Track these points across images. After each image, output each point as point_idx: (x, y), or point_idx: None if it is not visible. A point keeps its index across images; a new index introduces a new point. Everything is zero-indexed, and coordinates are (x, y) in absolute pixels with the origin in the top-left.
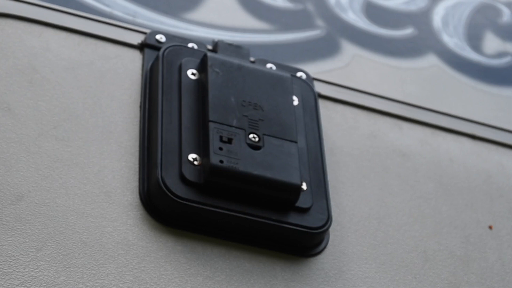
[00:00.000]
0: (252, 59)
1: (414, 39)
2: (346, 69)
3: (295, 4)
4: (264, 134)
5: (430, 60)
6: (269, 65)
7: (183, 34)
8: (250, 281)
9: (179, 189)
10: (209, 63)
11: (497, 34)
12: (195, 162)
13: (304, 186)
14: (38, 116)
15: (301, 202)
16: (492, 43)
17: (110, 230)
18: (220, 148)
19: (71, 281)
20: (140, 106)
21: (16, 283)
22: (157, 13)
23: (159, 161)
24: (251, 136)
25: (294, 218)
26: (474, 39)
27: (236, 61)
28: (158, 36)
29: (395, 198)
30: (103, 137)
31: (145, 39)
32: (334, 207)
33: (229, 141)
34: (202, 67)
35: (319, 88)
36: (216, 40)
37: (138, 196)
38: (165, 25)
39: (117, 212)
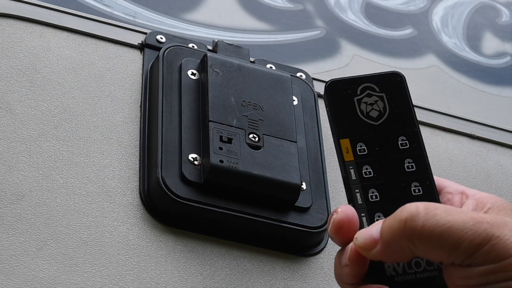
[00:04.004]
0: (252, 59)
1: (413, 40)
2: (345, 69)
3: (295, 4)
4: (264, 134)
5: (429, 60)
6: (269, 65)
7: (183, 34)
8: (250, 280)
9: (179, 189)
10: (209, 63)
11: (496, 34)
12: (195, 162)
13: (303, 186)
14: (39, 116)
15: (301, 202)
16: (491, 43)
17: (111, 230)
18: (220, 148)
19: (72, 280)
20: (140, 106)
21: (17, 282)
22: (157, 13)
23: (159, 161)
24: (251, 136)
25: (293, 218)
26: (473, 40)
27: (236, 61)
28: (158, 36)
29: None
30: (103, 137)
31: (145, 39)
32: (334, 207)
33: (229, 141)
34: (202, 67)
35: (319, 88)
36: (216, 40)
37: (138, 196)
38: (165, 25)
39: (117, 211)
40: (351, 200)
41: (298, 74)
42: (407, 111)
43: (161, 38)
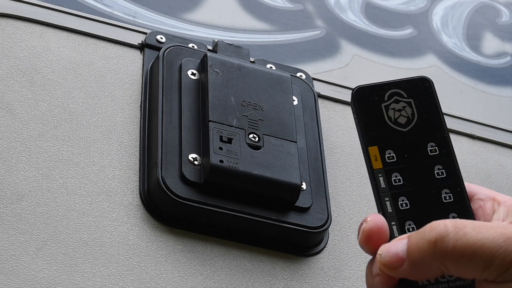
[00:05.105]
0: (252, 59)
1: (413, 39)
2: (345, 69)
3: (295, 4)
4: (264, 134)
5: (429, 60)
6: (269, 65)
7: (183, 34)
8: (250, 280)
9: (179, 189)
10: (209, 63)
11: (496, 34)
12: (195, 162)
13: (303, 186)
14: (39, 116)
15: (301, 202)
16: (491, 43)
17: (111, 230)
18: (220, 148)
19: (72, 280)
20: (141, 106)
21: (17, 282)
22: (157, 13)
23: (159, 161)
24: (251, 136)
25: (293, 218)
26: (473, 40)
27: (236, 61)
28: (158, 36)
29: None
30: (103, 137)
31: (146, 39)
32: (334, 207)
33: (229, 141)
34: (202, 67)
35: (319, 88)
36: (216, 40)
37: (138, 196)
38: (165, 25)
39: (117, 211)
40: (381, 209)
41: (298, 74)
42: (436, 116)
43: (161, 38)
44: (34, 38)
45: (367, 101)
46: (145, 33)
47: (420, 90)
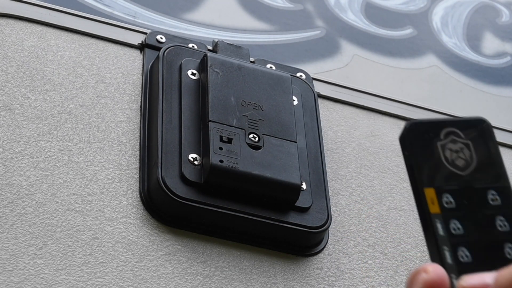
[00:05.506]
0: (252, 59)
1: (413, 39)
2: (345, 69)
3: (295, 4)
4: (264, 134)
5: (429, 60)
6: (269, 65)
7: (183, 34)
8: (250, 280)
9: (179, 189)
10: (209, 63)
11: (496, 34)
12: (195, 162)
13: (303, 186)
14: (39, 116)
15: (301, 202)
16: (491, 43)
17: (111, 230)
18: (220, 148)
19: (72, 280)
20: (141, 106)
21: (17, 282)
22: (157, 13)
23: (159, 161)
24: (251, 136)
25: (293, 218)
26: (473, 40)
27: (236, 61)
28: (158, 36)
29: (394, 197)
30: (103, 137)
31: (146, 39)
32: (334, 207)
33: (229, 141)
34: (202, 67)
35: (319, 88)
36: (216, 40)
37: (138, 196)
38: (165, 25)
39: (117, 211)
40: (438, 258)
41: (298, 74)
42: (497, 163)
43: (161, 38)
44: (34, 38)
45: (422, 138)
46: (145, 33)
47: (479, 133)
